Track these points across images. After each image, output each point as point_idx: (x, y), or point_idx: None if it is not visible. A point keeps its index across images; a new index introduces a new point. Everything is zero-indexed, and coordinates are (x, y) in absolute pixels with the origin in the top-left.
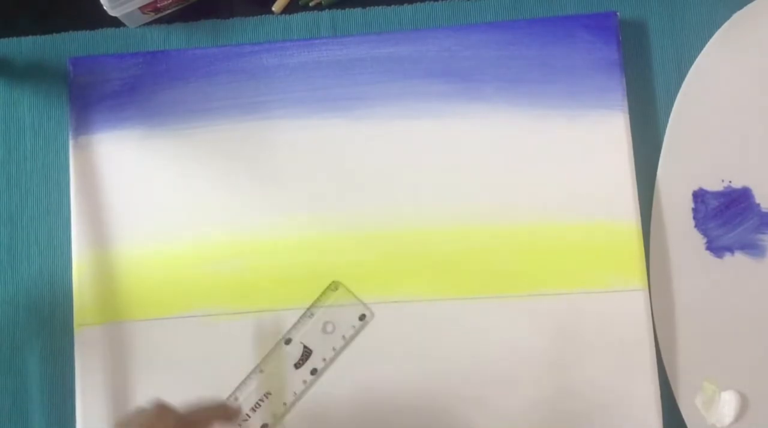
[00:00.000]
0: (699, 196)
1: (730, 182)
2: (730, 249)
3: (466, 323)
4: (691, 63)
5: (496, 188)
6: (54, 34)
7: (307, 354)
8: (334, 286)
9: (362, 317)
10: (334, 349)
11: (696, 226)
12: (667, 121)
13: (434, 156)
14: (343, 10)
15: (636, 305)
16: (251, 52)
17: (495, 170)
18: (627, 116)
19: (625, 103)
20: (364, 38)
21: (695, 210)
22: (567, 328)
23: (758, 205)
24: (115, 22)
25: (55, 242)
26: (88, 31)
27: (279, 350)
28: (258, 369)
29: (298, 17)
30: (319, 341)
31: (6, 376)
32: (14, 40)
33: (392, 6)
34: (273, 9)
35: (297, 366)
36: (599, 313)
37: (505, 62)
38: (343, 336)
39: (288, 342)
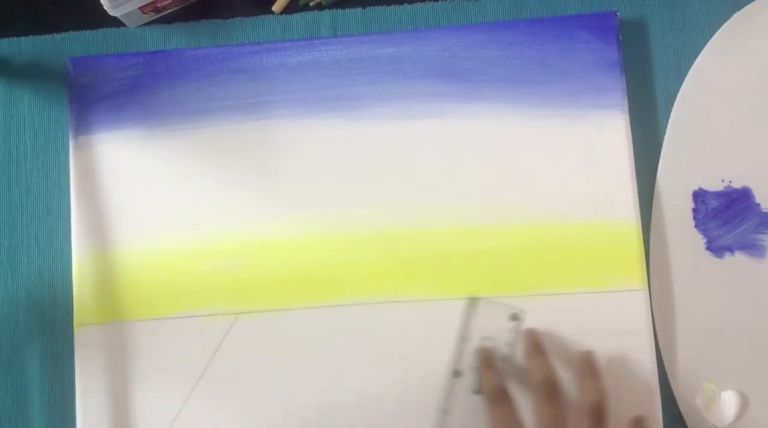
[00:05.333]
0: (699, 196)
1: (730, 182)
2: (730, 249)
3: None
4: (691, 63)
5: (496, 188)
6: (54, 34)
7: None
8: (472, 303)
9: (515, 317)
10: (503, 359)
11: (696, 226)
12: (667, 121)
13: (434, 156)
14: (343, 10)
15: (636, 305)
16: (251, 52)
17: (495, 170)
18: (627, 116)
19: (625, 103)
20: (364, 38)
21: (695, 210)
22: (567, 328)
23: (758, 205)
24: (115, 22)
25: (55, 242)
26: (88, 31)
27: (454, 386)
28: (443, 411)
29: (298, 17)
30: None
31: (6, 376)
32: (14, 40)
33: (392, 6)
34: (273, 9)
35: (479, 392)
36: (599, 313)
37: (505, 62)
38: (506, 343)
39: (457, 374)
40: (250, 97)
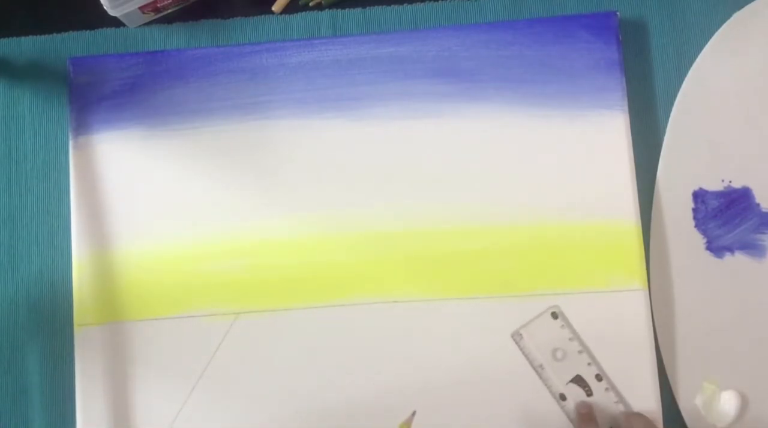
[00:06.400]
0: (699, 196)
1: (730, 182)
2: (730, 249)
3: (465, 323)
4: (691, 63)
5: (495, 188)
6: (54, 34)
7: (580, 381)
8: (517, 336)
9: (555, 315)
10: (579, 352)
11: (696, 226)
12: (667, 121)
13: (434, 156)
14: (343, 10)
15: (636, 305)
16: (251, 52)
17: (495, 170)
18: (627, 116)
19: (625, 103)
20: (364, 38)
21: (695, 210)
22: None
23: (758, 205)
24: (115, 22)
25: (55, 242)
26: (88, 31)
27: (567, 409)
28: None
29: (298, 17)
30: (570, 366)
31: (6, 376)
32: (14, 40)
33: (392, 6)
34: (273, 9)
35: (588, 394)
36: (599, 313)
37: (505, 62)
38: (569, 340)
39: (563, 397)
40: (250, 97)
